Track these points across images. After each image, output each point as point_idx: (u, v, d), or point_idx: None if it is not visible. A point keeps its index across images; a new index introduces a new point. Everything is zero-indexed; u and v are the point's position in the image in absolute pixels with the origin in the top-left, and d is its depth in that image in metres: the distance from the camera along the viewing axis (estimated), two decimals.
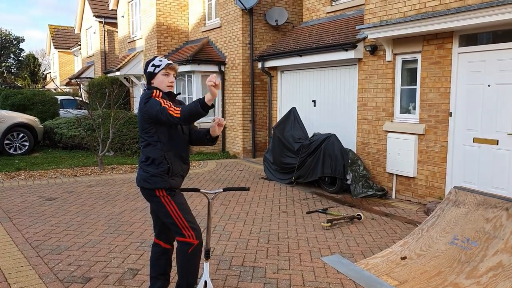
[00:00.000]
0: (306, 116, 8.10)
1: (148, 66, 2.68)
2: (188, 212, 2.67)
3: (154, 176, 2.60)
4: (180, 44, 12.00)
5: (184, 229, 2.61)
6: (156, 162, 2.60)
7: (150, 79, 2.68)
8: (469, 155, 5.31)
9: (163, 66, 2.63)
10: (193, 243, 2.63)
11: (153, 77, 2.66)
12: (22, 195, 5.94)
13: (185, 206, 2.67)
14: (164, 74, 2.64)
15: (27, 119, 9.82)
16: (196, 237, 2.63)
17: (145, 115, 2.57)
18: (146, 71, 2.70)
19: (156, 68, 2.65)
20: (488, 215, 3.45)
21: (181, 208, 2.63)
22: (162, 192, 2.61)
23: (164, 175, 2.60)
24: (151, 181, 2.60)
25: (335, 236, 4.44)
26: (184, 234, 2.62)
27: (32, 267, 3.47)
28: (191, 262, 2.68)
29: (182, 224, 2.61)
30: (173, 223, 2.62)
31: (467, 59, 5.26)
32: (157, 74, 2.64)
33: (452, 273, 3.22)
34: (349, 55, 6.71)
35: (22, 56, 33.52)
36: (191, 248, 2.63)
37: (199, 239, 2.66)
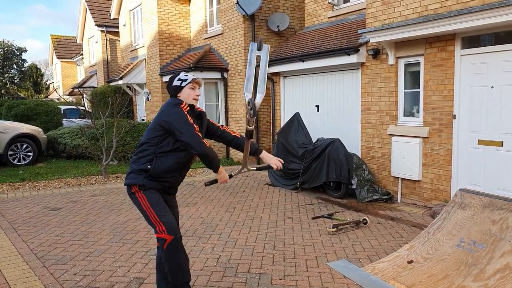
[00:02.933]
0: (310, 121, 8.10)
1: (174, 80, 2.80)
2: (160, 207, 2.66)
3: (132, 172, 2.72)
4: (182, 52, 12.07)
5: (156, 224, 2.63)
6: (140, 159, 2.70)
7: (176, 93, 2.79)
8: (474, 157, 5.28)
9: (189, 80, 2.78)
10: (166, 239, 2.60)
11: (180, 91, 2.78)
12: (26, 206, 5.95)
13: (157, 201, 2.67)
14: (191, 88, 2.78)
15: (30, 129, 9.87)
16: (168, 232, 2.59)
17: (163, 121, 2.64)
18: (171, 85, 2.80)
19: (182, 82, 2.78)
20: (494, 217, 3.42)
21: (152, 202, 2.65)
22: (135, 187, 2.70)
23: (141, 172, 2.68)
24: (129, 177, 2.73)
25: (341, 241, 4.41)
26: (157, 229, 2.63)
27: (38, 278, 3.46)
28: (169, 259, 2.64)
29: (154, 219, 2.64)
30: (147, 218, 2.67)
31: (470, 61, 5.25)
32: (184, 88, 2.77)
33: (459, 276, 3.18)
34: (352, 59, 6.73)
35: (25, 66, 33.83)
36: (165, 244, 2.60)
37: (173, 234, 2.60)
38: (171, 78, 2.85)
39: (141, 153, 2.72)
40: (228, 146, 2.92)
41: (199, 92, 2.83)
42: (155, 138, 2.68)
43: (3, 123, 9.54)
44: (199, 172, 8.85)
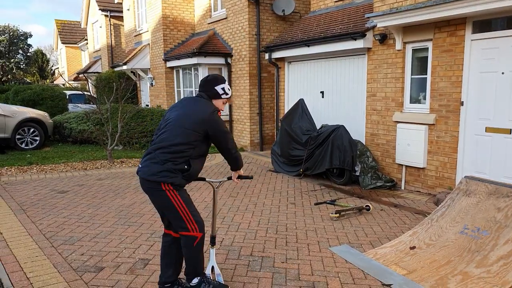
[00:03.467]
0: (314, 107, 8.06)
1: (218, 87, 2.87)
2: (192, 205, 2.74)
3: (166, 171, 2.61)
4: (186, 37, 11.98)
5: (189, 222, 2.68)
6: (177, 159, 2.64)
7: (213, 98, 2.86)
8: (481, 144, 5.24)
9: (229, 96, 2.93)
10: (197, 236, 2.71)
11: (217, 98, 2.88)
12: (34, 188, 6.04)
13: (190, 200, 2.75)
14: (225, 102, 2.93)
15: (37, 114, 9.93)
16: (199, 230, 2.72)
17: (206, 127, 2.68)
18: (213, 89, 2.85)
19: (224, 94, 2.89)
20: (499, 204, 3.41)
21: (186, 201, 2.69)
22: (168, 186, 2.63)
23: (178, 172, 2.65)
24: (162, 174, 2.61)
25: (343, 226, 4.44)
26: (188, 227, 2.69)
27: (47, 257, 3.54)
28: (198, 254, 2.77)
29: (187, 217, 2.67)
30: (178, 217, 2.67)
31: (480, 46, 5.16)
32: (221, 99, 2.89)
33: (462, 262, 3.20)
34: (358, 44, 6.63)
35: (30, 52, 33.81)
36: (196, 242, 2.72)
37: (203, 231, 2.75)
38: (214, 80, 2.89)
39: (177, 154, 2.64)
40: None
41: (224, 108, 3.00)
42: (196, 142, 2.68)
43: (11, 108, 9.60)
44: None
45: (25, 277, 3.15)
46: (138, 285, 3.06)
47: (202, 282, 2.81)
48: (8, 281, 3.09)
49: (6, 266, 3.33)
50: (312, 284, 3.11)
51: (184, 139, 2.65)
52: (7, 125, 9.22)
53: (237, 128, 10.47)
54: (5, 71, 31.63)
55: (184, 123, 2.68)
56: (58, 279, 3.13)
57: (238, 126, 10.41)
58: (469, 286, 2.93)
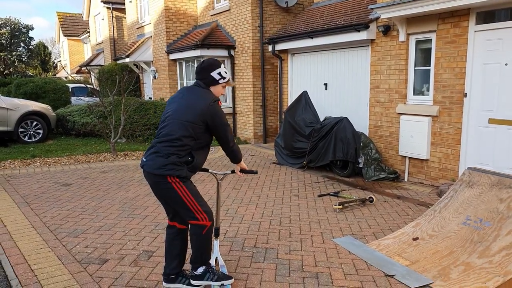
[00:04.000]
0: (318, 99, 8.03)
1: (214, 72, 2.79)
2: (199, 195, 2.75)
3: (171, 164, 2.60)
4: (188, 29, 11.92)
5: (197, 212, 2.69)
6: (181, 152, 2.63)
7: (210, 85, 2.80)
8: (484, 136, 5.21)
9: (227, 80, 2.84)
10: (207, 225, 2.73)
11: (215, 84, 2.81)
12: (38, 181, 6.08)
13: (196, 190, 2.75)
14: (224, 86, 2.85)
15: (39, 107, 9.95)
16: (209, 219, 2.74)
17: (206, 119, 2.66)
18: (209, 75, 2.78)
19: (221, 79, 2.81)
20: (502, 195, 3.40)
21: (193, 192, 2.70)
22: (174, 178, 2.62)
23: (182, 165, 2.64)
24: (166, 168, 2.59)
25: (346, 218, 4.45)
26: (197, 217, 2.70)
27: (51, 249, 3.57)
28: (206, 242, 2.79)
29: (195, 208, 2.68)
30: (186, 208, 2.68)
31: (484, 37, 5.10)
32: (219, 84, 2.82)
33: (464, 253, 3.21)
34: (362, 36, 6.58)
35: (32, 44, 33.77)
36: (205, 230, 2.73)
37: (212, 220, 2.77)
38: (210, 66, 2.80)
39: (180, 147, 2.62)
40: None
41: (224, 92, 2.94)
42: (197, 133, 2.67)
43: (13, 101, 9.62)
44: None
45: (29, 269, 3.18)
46: (142, 277, 3.09)
47: (207, 272, 2.82)
48: (13, 273, 3.12)
49: (11, 259, 3.37)
50: (315, 275, 3.13)
51: (185, 131, 2.63)
52: (9, 118, 9.25)
53: (241, 121, 10.46)
54: (7, 64, 31.65)
55: (184, 115, 2.65)
56: (63, 271, 3.16)
57: (242, 119, 10.40)
58: (471, 276, 2.94)
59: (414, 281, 3.00)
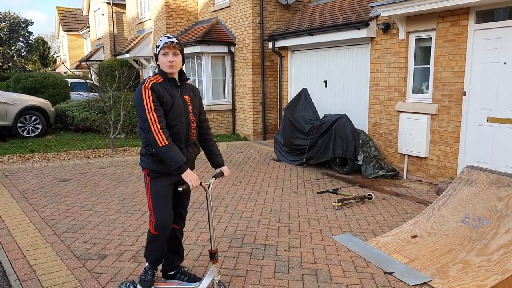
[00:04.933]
0: (317, 97, 8.02)
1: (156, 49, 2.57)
2: (158, 202, 2.53)
3: (143, 155, 2.57)
4: (189, 25, 11.87)
5: (150, 215, 2.59)
6: (145, 143, 2.54)
7: (156, 61, 2.55)
8: (483, 134, 5.22)
9: (161, 46, 2.46)
10: (150, 231, 2.60)
11: (157, 59, 2.52)
12: (37, 176, 6.07)
13: (159, 195, 2.53)
14: (163, 54, 2.47)
15: (38, 102, 9.93)
16: (155, 228, 2.54)
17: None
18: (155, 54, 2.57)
19: (156, 48, 2.50)
20: (500, 193, 3.42)
21: (154, 195, 2.53)
22: (145, 171, 2.57)
23: (149, 157, 2.52)
24: (142, 159, 2.58)
25: (345, 215, 4.46)
26: (149, 218, 2.61)
27: (50, 245, 3.57)
28: (149, 245, 2.66)
29: (150, 210, 2.58)
30: (148, 203, 2.60)
31: (483, 36, 5.10)
32: (158, 55, 2.48)
33: (462, 251, 3.22)
34: (362, 33, 6.57)
35: (31, 39, 33.61)
36: (150, 233, 2.62)
37: (158, 231, 2.54)
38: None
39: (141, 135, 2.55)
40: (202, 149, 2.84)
41: (174, 58, 2.45)
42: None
43: (12, 95, 9.59)
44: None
45: (27, 265, 3.18)
46: (141, 273, 3.09)
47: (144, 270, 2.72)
48: (11, 268, 3.12)
49: (9, 254, 3.37)
50: (314, 272, 3.14)
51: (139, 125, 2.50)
52: (8, 113, 9.23)
53: (240, 117, 10.46)
54: (6, 59, 31.52)
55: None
56: (61, 266, 3.16)
57: (241, 115, 10.39)
58: (470, 274, 2.96)
59: (413, 278, 3.01)
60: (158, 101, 2.43)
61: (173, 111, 2.50)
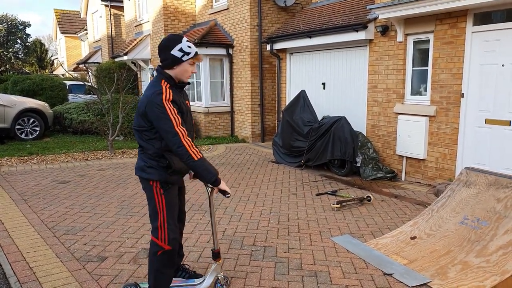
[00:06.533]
0: (316, 99, 8.04)
1: (174, 49, 2.32)
2: (173, 216, 2.45)
3: (151, 167, 2.40)
4: (187, 27, 11.89)
5: (161, 229, 2.41)
6: (154, 155, 2.39)
7: (172, 66, 2.35)
8: (481, 136, 5.25)
9: (192, 55, 2.35)
10: (163, 248, 2.42)
11: (178, 64, 2.34)
12: (35, 179, 6.06)
13: (174, 208, 2.46)
14: (191, 63, 2.37)
15: (36, 104, 9.91)
16: (168, 243, 2.42)
17: (144, 115, 2.30)
18: (169, 55, 2.32)
19: (185, 55, 2.33)
20: (499, 195, 3.44)
21: (168, 207, 2.42)
22: (156, 183, 2.41)
23: (161, 168, 2.40)
24: (148, 171, 2.40)
25: (344, 217, 4.47)
26: (158, 234, 2.42)
27: (49, 247, 3.56)
28: (158, 272, 2.45)
29: (162, 224, 2.40)
30: (155, 217, 2.42)
31: (481, 38, 5.14)
32: (184, 62, 2.34)
33: (461, 252, 3.24)
34: (360, 36, 6.60)
35: (29, 41, 33.51)
36: (160, 252, 2.43)
37: (172, 246, 2.44)
38: (168, 43, 2.34)
39: (147, 147, 2.41)
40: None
41: (195, 69, 2.41)
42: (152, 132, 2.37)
43: (10, 98, 9.57)
44: (204, 149, 8.90)
45: (27, 267, 3.18)
46: (141, 275, 3.10)
47: None
48: (11, 270, 3.12)
49: (9, 256, 3.36)
50: (314, 273, 3.15)
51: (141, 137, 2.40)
52: (6, 115, 9.21)
53: (239, 119, 10.47)
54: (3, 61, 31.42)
55: (134, 122, 2.44)
56: (61, 268, 3.16)
57: (240, 117, 10.40)
58: (469, 275, 2.97)
59: (412, 279, 3.02)
60: (179, 112, 2.33)
61: (187, 119, 2.44)
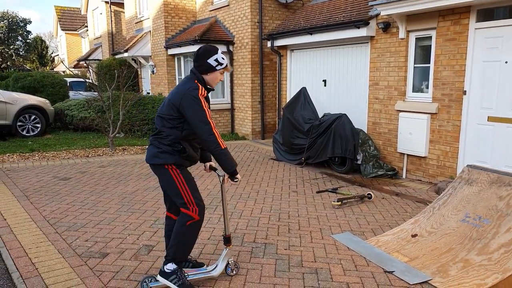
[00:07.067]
0: (317, 96, 8.03)
1: (211, 59, 2.67)
2: (195, 188, 2.72)
3: (165, 152, 2.64)
4: (187, 24, 11.86)
5: (189, 203, 2.66)
6: (171, 141, 2.65)
7: (207, 72, 2.69)
8: (483, 134, 5.24)
9: (224, 65, 2.72)
10: (194, 218, 2.67)
11: (211, 71, 2.69)
12: (37, 175, 6.06)
13: (193, 183, 2.72)
14: (222, 72, 2.73)
15: (38, 101, 9.90)
16: (198, 213, 2.67)
17: (177, 107, 2.59)
18: (206, 62, 2.66)
19: (219, 65, 2.69)
20: (501, 193, 3.43)
21: (189, 183, 2.68)
22: (170, 165, 2.65)
23: (176, 153, 2.65)
24: (162, 156, 2.64)
25: (345, 214, 4.47)
26: (188, 207, 2.67)
27: (51, 243, 3.57)
28: (186, 235, 2.70)
29: (188, 198, 2.66)
30: (179, 196, 2.66)
31: (484, 35, 5.11)
32: (217, 71, 2.70)
33: (463, 250, 3.23)
34: (361, 32, 6.58)
35: (30, 38, 33.47)
36: (189, 222, 2.67)
37: (201, 216, 2.70)
38: (206, 52, 2.69)
39: (164, 139, 2.69)
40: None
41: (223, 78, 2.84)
42: (178, 125, 2.65)
43: (11, 94, 9.56)
44: None
45: (30, 262, 3.19)
46: (142, 271, 3.10)
47: (175, 274, 2.69)
48: (14, 266, 3.13)
49: (11, 252, 3.37)
50: (315, 270, 3.15)
51: (165, 124, 2.66)
52: (8, 112, 9.20)
53: (239, 117, 10.45)
54: (4, 58, 31.41)
55: (161, 109, 2.71)
56: (63, 264, 3.17)
57: (240, 115, 10.39)
58: (470, 273, 2.97)
59: (414, 277, 3.02)
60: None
61: None
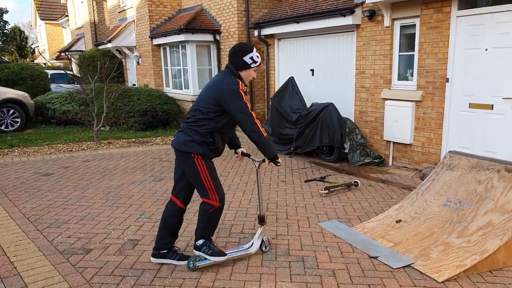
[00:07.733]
0: (305, 85, 8.00)
1: (246, 56, 2.82)
2: (216, 177, 2.89)
3: (194, 141, 2.79)
4: (172, 13, 11.63)
5: (210, 192, 2.85)
6: (204, 132, 2.80)
7: (242, 69, 2.85)
8: (464, 120, 5.31)
9: (258, 64, 2.89)
10: (215, 206, 2.87)
11: (246, 68, 2.85)
12: (16, 171, 5.92)
13: (214, 172, 2.90)
14: (255, 69, 2.90)
15: (16, 94, 9.62)
16: (219, 201, 2.87)
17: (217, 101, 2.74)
18: (242, 60, 2.81)
19: (253, 63, 2.85)
20: (480, 177, 3.49)
21: (211, 172, 2.85)
22: (197, 155, 2.80)
23: (204, 145, 2.80)
24: (190, 145, 2.79)
25: (332, 202, 4.50)
26: (209, 196, 2.85)
27: (31, 241, 3.49)
28: (210, 220, 2.93)
29: (209, 187, 2.84)
30: (201, 185, 2.84)
31: (466, 23, 5.14)
32: (251, 69, 2.87)
33: (444, 233, 3.30)
34: (347, 21, 6.55)
35: (7, 29, 32.42)
36: (212, 209, 2.88)
37: (222, 202, 2.89)
38: (242, 50, 2.84)
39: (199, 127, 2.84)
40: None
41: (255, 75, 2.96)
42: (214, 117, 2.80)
43: None
44: None
45: (8, 261, 3.11)
46: (127, 266, 3.07)
47: (205, 245, 2.97)
48: None
49: None
50: (301, 258, 3.16)
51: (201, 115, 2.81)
52: None
53: None
54: None
55: (199, 101, 2.84)
56: (44, 262, 3.10)
57: None
58: (450, 255, 3.03)
59: (397, 261, 3.07)
60: None
61: None
